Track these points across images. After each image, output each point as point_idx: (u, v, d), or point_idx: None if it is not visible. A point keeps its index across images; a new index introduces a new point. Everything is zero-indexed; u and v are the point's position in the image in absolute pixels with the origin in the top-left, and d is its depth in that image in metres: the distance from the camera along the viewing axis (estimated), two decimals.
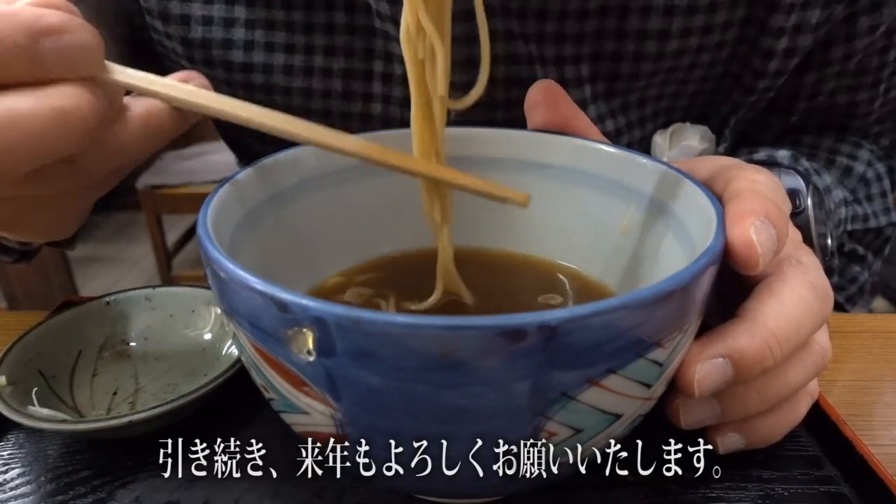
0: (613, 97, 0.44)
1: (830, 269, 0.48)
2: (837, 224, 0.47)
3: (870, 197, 0.50)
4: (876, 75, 0.46)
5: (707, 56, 0.43)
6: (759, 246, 0.24)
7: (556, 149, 0.32)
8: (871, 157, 0.50)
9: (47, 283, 1.78)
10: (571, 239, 0.33)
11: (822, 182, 0.47)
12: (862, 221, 0.50)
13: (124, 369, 0.37)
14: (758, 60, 0.42)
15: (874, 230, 0.50)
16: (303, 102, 0.45)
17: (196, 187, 1.72)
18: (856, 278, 0.51)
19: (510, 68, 0.42)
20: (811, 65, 0.44)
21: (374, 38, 0.43)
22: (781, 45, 0.41)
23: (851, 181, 0.50)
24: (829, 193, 0.47)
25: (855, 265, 0.51)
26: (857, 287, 0.52)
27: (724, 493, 0.29)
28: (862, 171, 0.50)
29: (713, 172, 0.29)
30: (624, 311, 0.20)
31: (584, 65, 0.42)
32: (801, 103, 0.47)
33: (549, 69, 0.42)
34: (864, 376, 0.39)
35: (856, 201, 0.50)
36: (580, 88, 0.43)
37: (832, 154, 0.50)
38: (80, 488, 0.29)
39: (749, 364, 0.25)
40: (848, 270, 0.51)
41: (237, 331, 0.23)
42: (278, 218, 0.31)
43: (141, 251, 2.23)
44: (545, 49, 0.41)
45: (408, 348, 0.19)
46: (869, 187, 0.50)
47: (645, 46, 0.41)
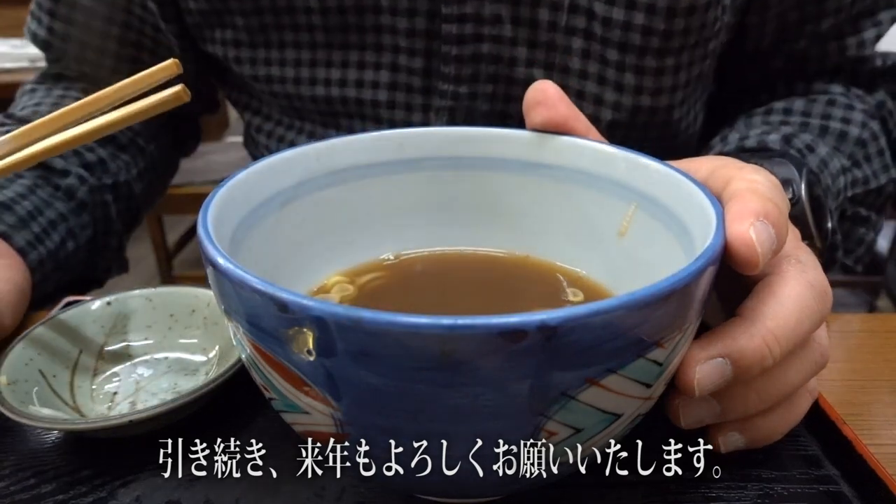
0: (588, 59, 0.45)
1: (834, 245, 0.48)
2: (837, 194, 0.47)
3: (868, 157, 0.50)
4: None
5: None
6: (758, 246, 0.24)
7: (555, 149, 0.32)
8: (865, 118, 0.50)
9: None
10: (571, 239, 0.33)
11: (818, 157, 0.46)
12: (863, 185, 0.50)
13: (124, 369, 0.37)
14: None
15: (875, 190, 0.51)
16: None
17: (196, 187, 1.72)
18: (862, 239, 0.52)
19: None
20: None
21: None
22: None
23: (848, 146, 0.50)
24: (826, 166, 0.46)
25: (860, 227, 0.52)
26: (865, 248, 0.53)
27: (724, 493, 0.29)
28: (857, 133, 0.50)
29: (712, 172, 0.29)
30: (624, 311, 0.20)
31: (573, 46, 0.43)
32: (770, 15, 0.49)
33: None
34: (864, 376, 0.39)
35: (855, 165, 0.50)
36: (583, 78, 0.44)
37: (825, 120, 0.50)
38: (80, 488, 0.29)
39: (749, 363, 0.25)
40: (853, 233, 0.52)
41: (237, 331, 0.23)
42: (279, 218, 0.31)
43: (141, 251, 2.23)
44: None
45: (408, 348, 0.19)
46: (866, 148, 0.50)
47: None
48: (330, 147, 0.32)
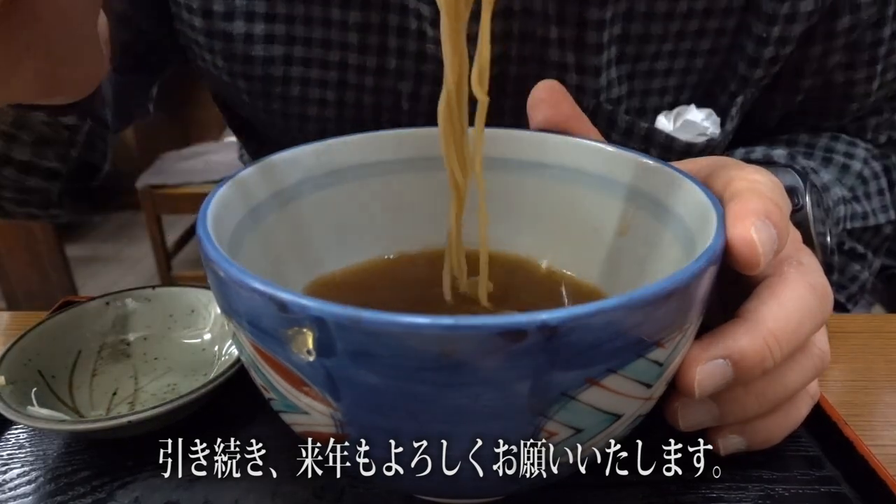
0: (622, 63, 0.44)
1: (830, 266, 0.48)
2: (837, 222, 0.47)
3: (868, 195, 0.50)
4: (871, 52, 0.46)
5: (714, 23, 0.43)
6: (759, 246, 0.24)
7: (556, 149, 0.32)
8: (867, 156, 0.50)
9: (47, 283, 1.78)
10: (571, 238, 0.33)
11: (820, 180, 0.47)
12: (861, 219, 0.50)
13: (124, 369, 0.36)
14: (761, 26, 0.43)
15: (873, 228, 0.50)
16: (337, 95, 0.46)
17: (196, 187, 1.72)
18: (856, 277, 0.51)
19: (526, 22, 0.42)
20: (816, 36, 0.45)
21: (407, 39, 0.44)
22: (784, 9, 0.42)
23: (849, 179, 0.50)
24: (828, 191, 0.46)
25: (855, 264, 0.51)
26: (858, 286, 0.52)
27: (724, 494, 0.29)
28: (859, 168, 0.50)
29: (713, 172, 0.29)
30: (624, 311, 0.20)
31: (605, 30, 0.42)
32: (805, 80, 0.47)
33: (568, 29, 0.42)
34: (865, 376, 0.39)
35: (854, 199, 0.50)
36: (598, 56, 0.43)
37: (829, 153, 0.50)
38: (80, 488, 0.29)
39: (750, 365, 0.25)
40: (848, 269, 0.51)
41: (237, 331, 0.23)
42: (278, 217, 0.30)
43: (141, 251, 2.23)
44: (566, 9, 0.42)
45: (408, 348, 0.19)
46: (867, 185, 0.50)
47: (656, 6, 0.42)
48: (330, 146, 0.32)
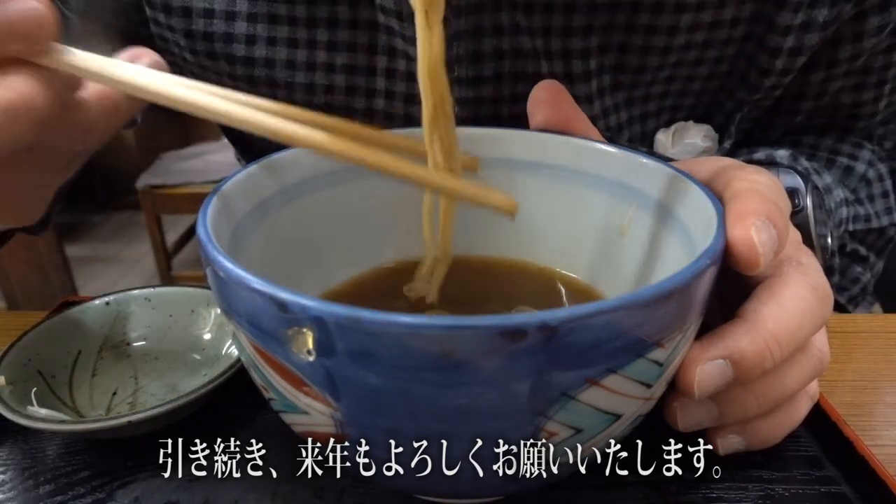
0: (618, 91, 0.44)
1: (831, 268, 0.48)
2: (838, 224, 0.47)
3: (871, 197, 0.50)
4: (881, 75, 0.46)
5: (713, 52, 0.43)
6: (759, 246, 0.24)
7: (556, 149, 0.32)
8: (873, 157, 0.50)
9: (47, 284, 1.78)
10: (571, 238, 0.33)
11: (822, 181, 0.47)
12: (864, 221, 0.49)
13: (124, 369, 0.36)
14: (764, 58, 0.42)
15: (876, 230, 0.50)
16: (305, 97, 0.45)
17: (196, 187, 1.72)
18: (858, 279, 0.51)
19: (516, 63, 0.42)
20: (818, 64, 0.44)
21: (377, 33, 0.43)
22: (788, 42, 0.41)
23: (852, 181, 0.49)
24: (830, 193, 0.46)
25: (857, 266, 0.51)
26: (860, 288, 0.51)
27: (724, 494, 0.29)
28: (863, 170, 0.49)
29: (713, 172, 0.29)
30: (624, 311, 0.20)
31: (592, 59, 0.42)
32: (807, 103, 0.47)
33: (556, 63, 0.42)
34: (865, 376, 0.39)
35: (857, 201, 0.49)
36: (587, 83, 0.43)
37: (833, 154, 0.50)
38: (80, 488, 0.29)
39: (750, 365, 0.25)
40: (850, 271, 0.51)
41: (237, 331, 0.23)
42: (278, 218, 0.30)
43: (141, 251, 2.23)
44: (552, 43, 0.41)
45: (408, 348, 0.19)
46: (870, 187, 0.50)
47: (653, 41, 0.41)
48: None
